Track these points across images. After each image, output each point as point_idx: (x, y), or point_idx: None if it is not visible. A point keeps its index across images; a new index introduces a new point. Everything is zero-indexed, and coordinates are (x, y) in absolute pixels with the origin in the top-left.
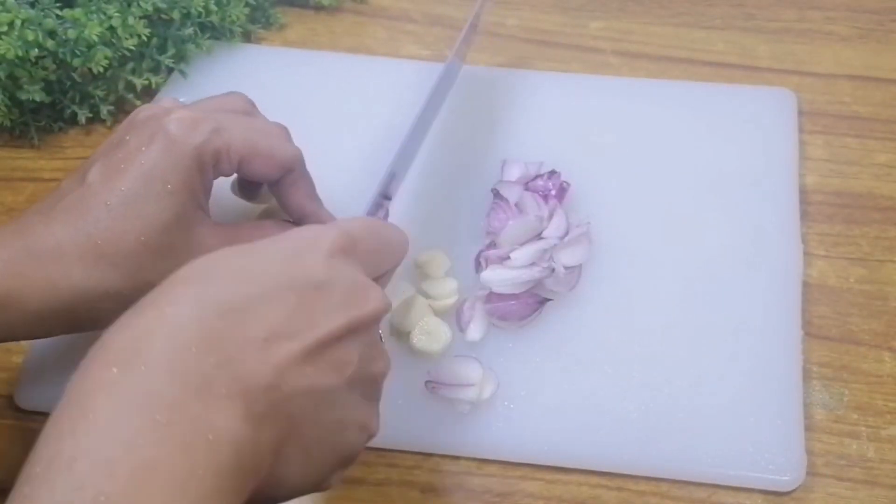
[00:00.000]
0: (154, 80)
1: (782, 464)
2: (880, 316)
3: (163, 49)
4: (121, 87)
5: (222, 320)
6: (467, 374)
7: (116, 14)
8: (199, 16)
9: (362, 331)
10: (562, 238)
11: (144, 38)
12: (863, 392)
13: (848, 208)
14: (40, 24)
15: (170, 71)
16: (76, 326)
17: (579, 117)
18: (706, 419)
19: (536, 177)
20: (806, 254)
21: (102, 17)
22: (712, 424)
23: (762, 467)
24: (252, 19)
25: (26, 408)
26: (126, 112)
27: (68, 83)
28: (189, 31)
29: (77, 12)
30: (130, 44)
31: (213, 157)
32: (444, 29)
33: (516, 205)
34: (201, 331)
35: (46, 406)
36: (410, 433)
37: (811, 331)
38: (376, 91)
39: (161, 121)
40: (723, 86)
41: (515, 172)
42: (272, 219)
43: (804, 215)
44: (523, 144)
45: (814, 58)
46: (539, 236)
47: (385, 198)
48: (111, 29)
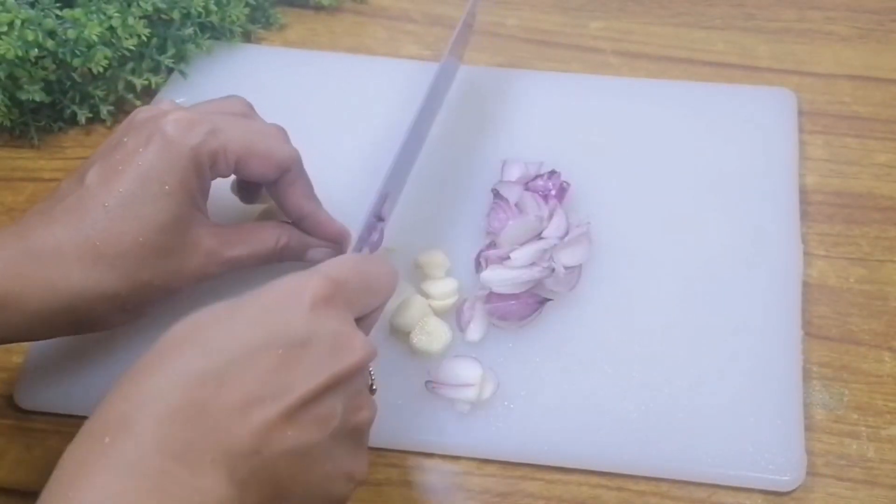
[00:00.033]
0: (154, 80)
1: (782, 464)
2: (880, 316)
3: (163, 49)
4: (121, 87)
5: (202, 389)
6: (467, 374)
7: (116, 14)
8: (199, 16)
9: (344, 383)
10: (562, 238)
11: (144, 38)
12: (863, 392)
13: (848, 208)
14: (40, 24)
15: (170, 71)
16: (75, 328)
17: (579, 117)
18: (706, 419)
19: (536, 177)
20: (806, 254)
21: (102, 17)
22: (712, 424)
23: (762, 467)
24: (252, 19)
25: (26, 408)
26: (126, 112)
27: (68, 83)
28: (189, 31)
29: (77, 12)
30: (130, 44)
31: (209, 158)
32: (444, 29)
33: (516, 205)
34: (185, 399)
35: (46, 406)
36: (410, 433)
37: (811, 331)
38: (376, 91)
39: (158, 122)
40: (723, 86)
41: (515, 172)
42: (271, 220)
43: (804, 215)
44: (523, 144)
45: (814, 58)
46: (539, 236)
47: (378, 219)
48: (111, 29)
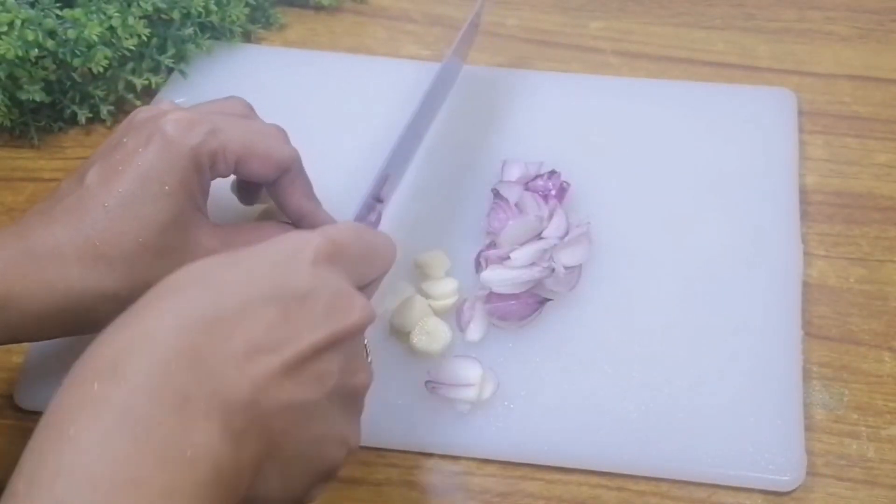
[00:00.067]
0: (154, 80)
1: (782, 464)
2: (880, 316)
3: (163, 49)
4: (121, 87)
5: (202, 335)
6: (467, 374)
7: (116, 14)
8: (199, 16)
9: (345, 342)
10: (562, 238)
11: (144, 38)
12: (863, 392)
13: (848, 208)
14: (40, 24)
15: (170, 71)
16: (74, 328)
17: (579, 117)
18: (706, 419)
19: (536, 177)
20: (806, 254)
21: (102, 17)
22: (712, 424)
23: (762, 467)
24: (252, 19)
25: (26, 408)
26: (126, 112)
27: (68, 83)
28: (189, 31)
29: (77, 12)
30: (130, 44)
31: (209, 158)
32: (444, 29)
33: (516, 205)
34: (180, 346)
35: (46, 406)
36: (410, 433)
37: (811, 331)
38: (376, 91)
39: (158, 122)
40: (723, 86)
41: (515, 172)
42: (270, 220)
43: (804, 215)
44: (523, 144)
45: (814, 58)
46: (539, 236)
47: (377, 200)
48: (111, 29)
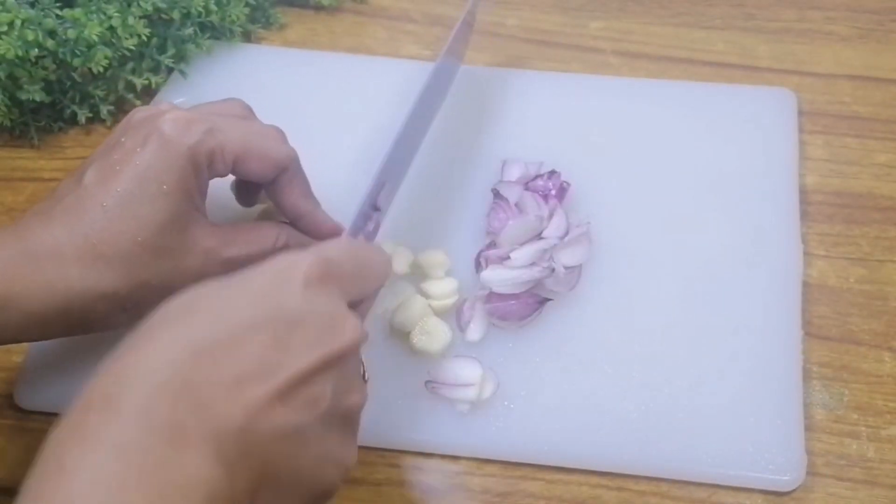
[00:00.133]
0: (154, 80)
1: (782, 464)
2: (880, 316)
3: (163, 49)
4: (121, 87)
5: (194, 364)
6: (467, 374)
7: (116, 14)
8: (199, 16)
9: (337, 364)
10: (562, 238)
11: (144, 38)
12: (863, 392)
13: (848, 208)
14: (40, 24)
15: (170, 71)
16: (73, 328)
17: (579, 117)
18: (706, 419)
19: (536, 177)
20: (806, 254)
21: (102, 17)
22: (712, 424)
23: (762, 467)
24: (252, 19)
25: (26, 408)
26: (126, 112)
27: (68, 83)
28: (189, 31)
29: (77, 12)
30: (130, 44)
31: (207, 158)
32: (444, 29)
33: (516, 205)
34: (173, 376)
35: (46, 406)
36: (410, 433)
37: (811, 331)
38: (376, 91)
39: (156, 122)
40: (723, 86)
41: (515, 172)
42: (269, 220)
43: (804, 215)
44: (523, 144)
45: (814, 58)
46: (539, 236)
47: (374, 209)
48: (111, 29)
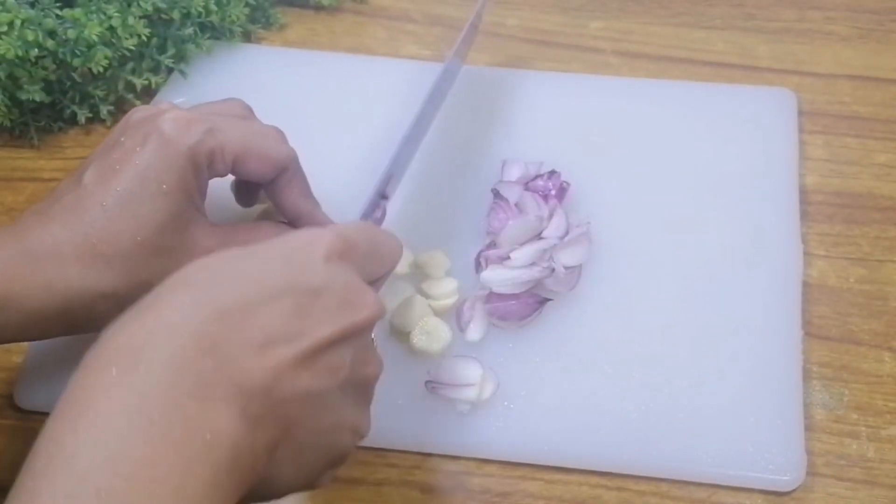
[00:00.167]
0: (154, 80)
1: (782, 464)
2: (880, 316)
3: (163, 49)
4: (121, 87)
5: (219, 324)
6: (467, 374)
7: (116, 14)
8: (199, 16)
9: (356, 336)
10: (562, 238)
11: (144, 38)
12: (863, 392)
13: (848, 208)
14: (40, 24)
15: (170, 71)
16: (73, 328)
17: (579, 117)
18: (706, 419)
19: (536, 177)
20: (806, 254)
21: (102, 17)
22: (712, 424)
23: (762, 467)
24: (252, 19)
25: (26, 408)
26: (126, 112)
27: (68, 83)
28: (189, 31)
29: (77, 12)
30: (130, 44)
31: (207, 157)
32: (444, 29)
33: (516, 205)
34: (198, 334)
35: (46, 406)
36: (410, 433)
37: (811, 331)
38: (376, 91)
39: (155, 121)
40: (723, 86)
41: (515, 172)
42: (269, 220)
43: (804, 215)
44: (523, 144)
45: (814, 58)
46: (539, 236)
47: (382, 198)
48: (111, 29)
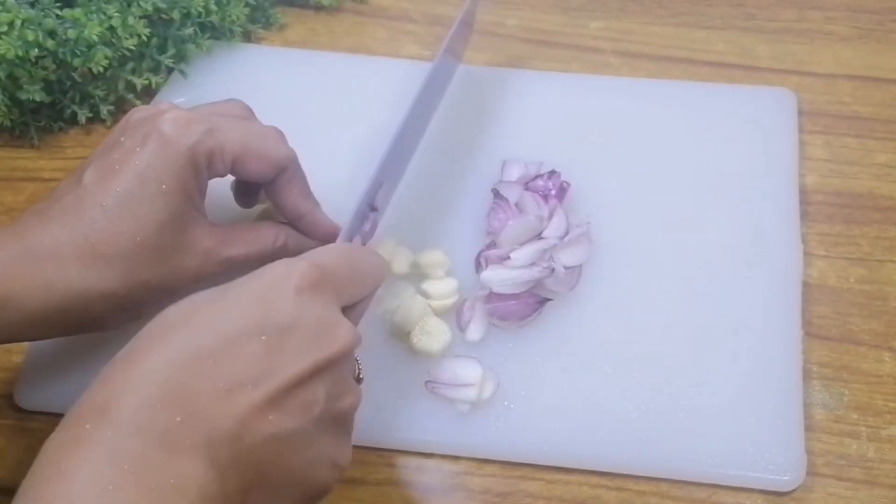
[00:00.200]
0: (154, 80)
1: (782, 464)
2: (880, 316)
3: (163, 49)
4: (121, 87)
5: (187, 373)
6: (467, 374)
7: (116, 14)
8: (199, 16)
9: (329, 370)
10: (562, 238)
11: (144, 38)
12: (863, 392)
13: (848, 208)
14: (40, 24)
15: (170, 71)
16: (73, 328)
17: (579, 117)
18: (706, 419)
19: (536, 177)
20: (806, 254)
21: (102, 17)
22: (712, 424)
23: (762, 467)
24: (252, 19)
25: (26, 408)
26: (126, 112)
27: (68, 83)
28: (189, 31)
29: (77, 12)
30: (130, 44)
31: (206, 157)
32: (444, 29)
33: (516, 205)
34: (167, 386)
35: (46, 406)
36: (410, 433)
37: (811, 331)
38: (376, 91)
39: (155, 121)
40: (723, 86)
41: (515, 172)
42: (269, 220)
43: (804, 215)
44: (523, 144)
45: (814, 58)
46: (539, 236)
47: (371, 209)
48: (111, 29)
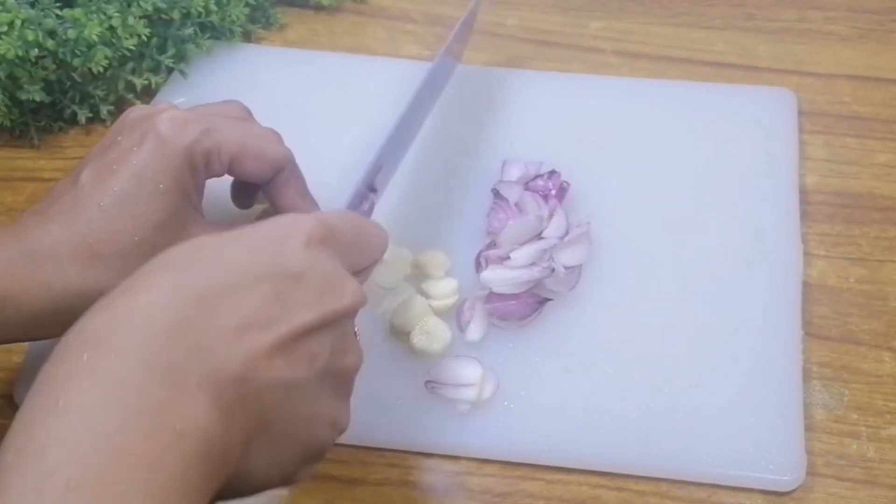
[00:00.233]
0: (154, 80)
1: (782, 464)
2: (880, 316)
3: (163, 49)
4: (121, 87)
5: (195, 309)
6: (467, 374)
7: (116, 14)
8: (199, 16)
9: (335, 324)
10: (562, 238)
11: (144, 38)
12: (863, 392)
13: (848, 208)
14: (40, 24)
15: (170, 71)
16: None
17: (579, 117)
18: (706, 419)
19: (536, 177)
20: (806, 254)
21: (102, 17)
22: (712, 424)
23: (762, 467)
24: (252, 19)
25: None
26: None
27: (68, 83)
28: (189, 31)
29: (77, 12)
30: (130, 44)
31: (203, 157)
32: (444, 29)
33: (516, 205)
34: (173, 319)
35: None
36: (410, 433)
37: (811, 331)
38: (376, 91)
39: (152, 121)
40: (723, 86)
41: (515, 172)
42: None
43: (804, 215)
44: (523, 144)
45: (814, 58)
46: (539, 236)
47: (370, 189)
48: (111, 29)
